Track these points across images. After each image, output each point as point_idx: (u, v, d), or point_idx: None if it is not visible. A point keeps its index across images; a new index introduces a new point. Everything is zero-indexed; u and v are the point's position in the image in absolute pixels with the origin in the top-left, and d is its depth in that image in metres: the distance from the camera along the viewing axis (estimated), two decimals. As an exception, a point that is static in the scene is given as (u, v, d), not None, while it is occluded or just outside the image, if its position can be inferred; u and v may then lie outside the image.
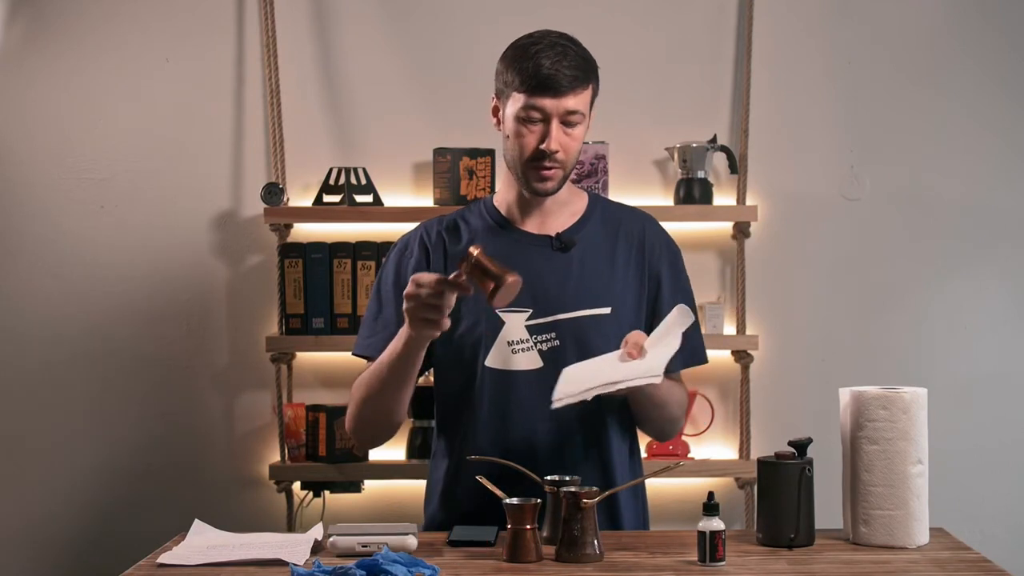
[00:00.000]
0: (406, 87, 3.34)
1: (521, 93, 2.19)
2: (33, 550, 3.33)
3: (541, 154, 2.21)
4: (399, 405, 2.26)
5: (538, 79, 2.17)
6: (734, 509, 3.29)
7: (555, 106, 2.19)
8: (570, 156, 2.24)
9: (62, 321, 3.32)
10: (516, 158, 2.24)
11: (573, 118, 2.21)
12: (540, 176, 2.23)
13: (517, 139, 2.22)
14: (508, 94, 2.23)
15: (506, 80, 2.22)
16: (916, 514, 2.07)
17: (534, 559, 1.97)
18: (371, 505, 3.28)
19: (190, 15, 3.34)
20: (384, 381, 2.22)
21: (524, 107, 2.19)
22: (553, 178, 2.24)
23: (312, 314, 3.20)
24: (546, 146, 2.20)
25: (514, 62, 2.21)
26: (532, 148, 2.21)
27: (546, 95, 2.18)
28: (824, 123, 3.37)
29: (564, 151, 2.22)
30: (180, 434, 3.33)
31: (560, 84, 2.17)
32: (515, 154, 2.24)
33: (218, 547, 2.09)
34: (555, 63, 2.17)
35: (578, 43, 2.25)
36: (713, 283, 3.34)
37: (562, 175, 2.26)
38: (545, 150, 2.20)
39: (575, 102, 2.20)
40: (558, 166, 2.23)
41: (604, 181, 3.21)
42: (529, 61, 2.18)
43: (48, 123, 3.33)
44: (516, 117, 2.21)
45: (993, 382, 3.36)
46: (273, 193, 3.22)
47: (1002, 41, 3.37)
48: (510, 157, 2.26)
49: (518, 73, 2.19)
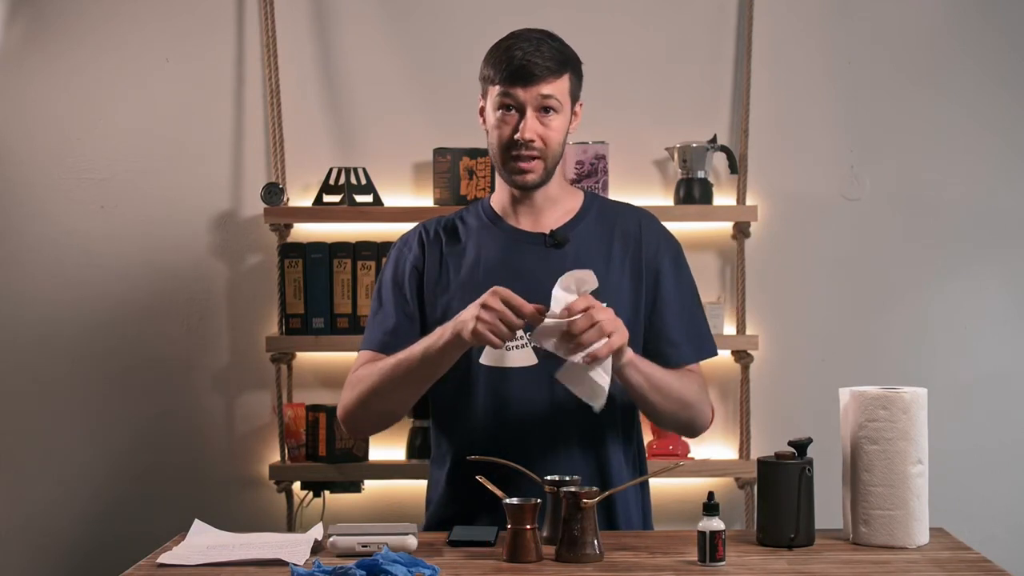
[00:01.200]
0: (406, 87, 3.34)
1: (497, 85, 2.24)
2: (33, 550, 3.33)
3: (517, 143, 2.23)
4: (414, 399, 2.28)
5: (511, 68, 2.21)
6: (734, 509, 3.29)
7: (529, 94, 2.22)
8: (550, 146, 2.25)
9: (62, 321, 3.32)
10: (496, 150, 2.27)
11: (548, 102, 2.23)
12: (519, 168, 2.26)
13: (495, 131, 2.26)
14: (487, 89, 2.28)
15: (484, 75, 2.28)
16: (916, 514, 2.07)
17: (534, 559, 1.97)
18: (371, 505, 3.28)
19: (190, 15, 3.34)
20: (412, 373, 2.21)
21: (499, 96, 2.23)
22: (533, 170, 2.26)
23: (312, 314, 3.20)
24: (520, 135, 2.22)
25: (491, 55, 2.26)
26: (507, 137, 2.24)
27: (518, 84, 2.22)
28: (824, 123, 3.37)
29: (542, 140, 2.24)
30: (180, 434, 3.33)
31: (532, 73, 2.21)
32: (494, 147, 2.27)
33: (218, 547, 2.09)
34: (528, 53, 2.21)
35: (557, 37, 2.28)
36: (713, 283, 3.34)
37: (543, 167, 2.27)
38: (519, 139, 2.22)
39: (550, 88, 2.22)
40: (537, 155, 2.25)
41: (604, 181, 3.21)
42: (503, 52, 2.23)
43: (48, 123, 3.33)
44: (494, 109, 2.25)
45: (993, 382, 3.36)
46: (273, 193, 3.22)
47: (1002, 41, 3.37)
48: (492, 151, 2.29)
49: (493, 66, 2.24)
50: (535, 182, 2.28)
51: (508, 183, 2.30)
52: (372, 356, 2.31)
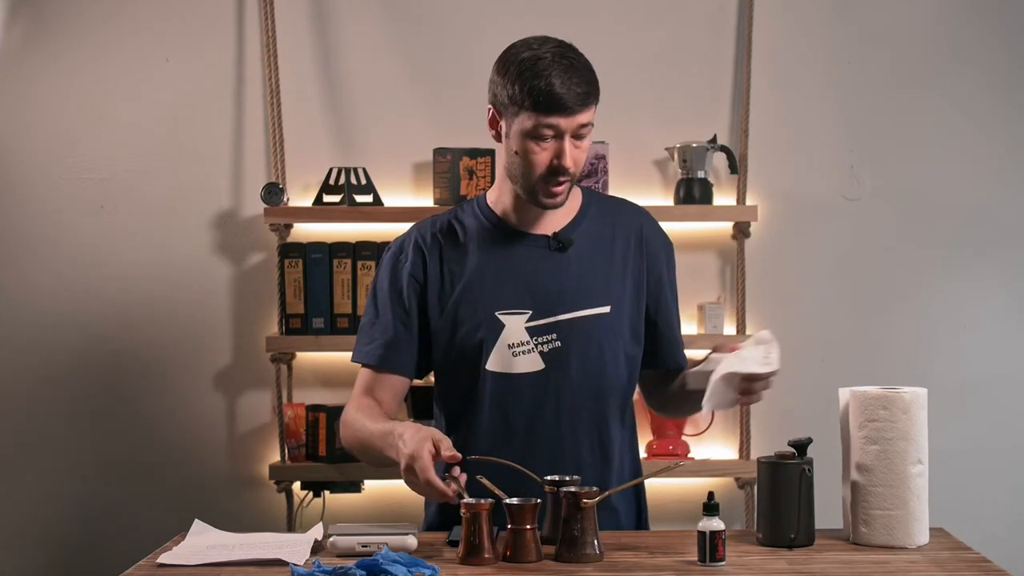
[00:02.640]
0: (406, 87, 3.34)
1: (531, 112, 2.14)
2: (33, 549, 3.33)
3: (555, 170, 2.18)
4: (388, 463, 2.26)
5: (550, 99, 2.12)
6: (734, 509, 3.29)
7: (569, 123, 2.15)
8: (579, 168, 2.22)
9: (62, 321, 3.32)
10: (526, 175, 2.20)
11: (583, 131, 2.18)
12: (551, 192, 2.21)
13: (528, 156, 2.17)
14: (514, 111, 2.17)
15: (511, 95, 2.16)
16: (916, 514, 2.07)
17: (534, 559, 1.97)
18: (371, 505, 3.28)
19: (190, 15, 3.34)
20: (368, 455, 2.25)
21: (535, 126, 2.15)
22: (564, 192, 2.22)
23: (312, 314, 3.20)
24: (561, 163, 2.16)
25: (521, 79, 2.14)
26: (545, 166, 2.18)
27: (557, 113, 2.14)
28: (824, 123, 3.37)
29: (575, 165, 2.20)
30: (180, 434, 3.33)
31: (573, 103, 2.13)
32: (525, 171, 2.20)
33: (218, 547, 2.09)
34: (565, 81, 2.12)
35: (577, 50, 2.20)
36: (713, 283, 3.34)
37: (570, 187, 2.24)
38: (560, 167, 2.17)
39: (587, 116, 2.17)
40: (568, 179, 2.21)
41: (604, 181, 3.21)
42: (539, 80, 2.12)
43: (48, 123, 3.33)
44: (525, 134, 2.16)
45: (993, 382, 3.36)
46: (273, 193, 3.22)
47: (1002, 41, 3.37)
48: (519, 173, 2.21)
49: (528, 93, 2.13)
50: (563, 202, 2.25)
51: (534, 203, 2.24)
52: (370, 377, 2.30)
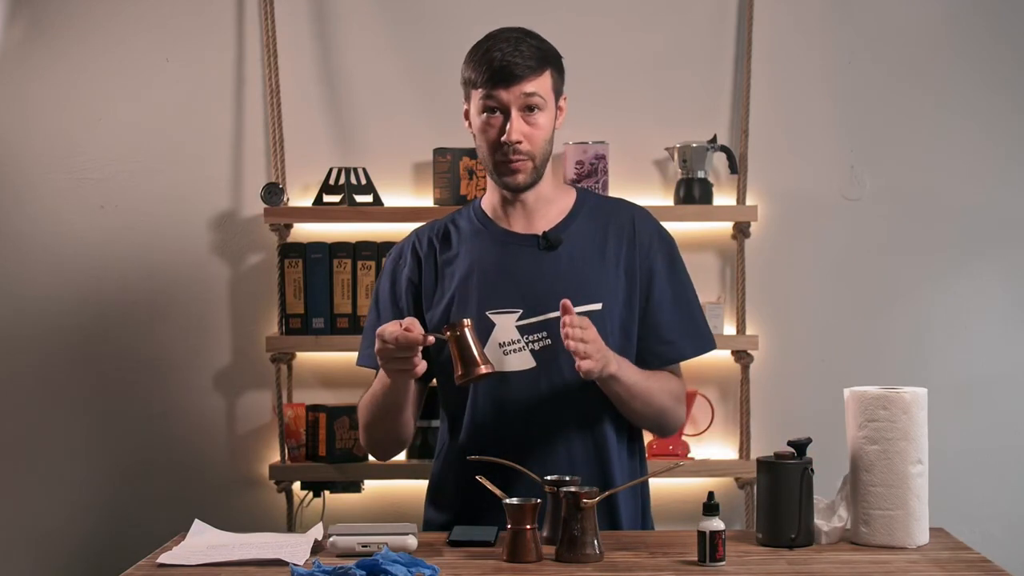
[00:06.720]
0: (406, 87, 3.34)
1: (479, 88, 2.23)
2: (33, 550, 3.33)
3: (504, 145, 2.22)
4: (402, 427, 2.30)
5: (492, 70, 2.20)
6: (734, 509, 3.29)
7: (511, 95, 2.21)
8: (536, 146, 2.25)
9: (62, 321, 3.32)
10: (484, 156, 2.27)
11: (532, 100, 2.22)
12: (508, 169, 2.25)
13: (481, 134, 2.25)
14: (469, 92, 2.27)
15: (466, 79, 2.27)
16: (916, 514, 2.07)
17: (534, 559, 1.97)
18: (371, 505, 3.28)
19: (190, 15, 3.34)
20: (382, 408, 2.27)
21: (482, 99, 2.23)
22: (522, 170, 2.25)
23: (312, 314, 3.20)
24: (507, 137, 2.21)
25: (470, 59, 2.25)
26: (494, 140, 2.23)
27: (500, 85, 2.21)
28: (824, 123, 3.37)
29: (528, 141, 2.23)
30: (180, 434, 3.33)
31: (513, 72, 2.20)
32: (482, 152, 2.27)
33: (218, 547, 2.09)
34: (507, 53, 2.20)
35: (535, 35, 2.27)
36: (713, 283, 3.34)
37: (532, 167, 2.26)
38: (506, 141, 2.21)
39: (532, 86, 2.21)
40: (524, 157, 2.24)
41: (604, 181, 3.21)
42: (483, 56, 2.22)
43: (48, 123, 3.33)
44: (478, 112, 2.25)
45: (993, 382, 3.36)
46: (273, 193, 3.22)
47: (1002, 41, 3.37)
48: (480, 155, 2.29)
49: (474, 69, 2.23)
50: (526, 183, 2.27)
51: (499, 185, 2.30)
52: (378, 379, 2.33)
